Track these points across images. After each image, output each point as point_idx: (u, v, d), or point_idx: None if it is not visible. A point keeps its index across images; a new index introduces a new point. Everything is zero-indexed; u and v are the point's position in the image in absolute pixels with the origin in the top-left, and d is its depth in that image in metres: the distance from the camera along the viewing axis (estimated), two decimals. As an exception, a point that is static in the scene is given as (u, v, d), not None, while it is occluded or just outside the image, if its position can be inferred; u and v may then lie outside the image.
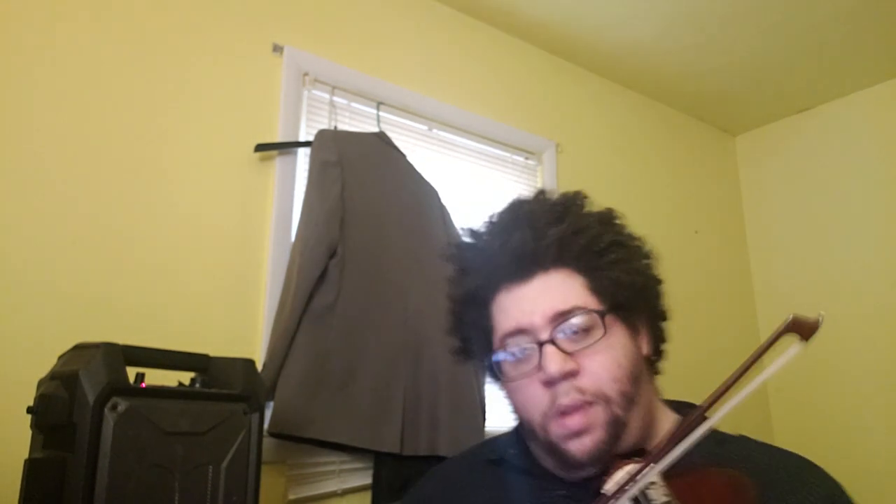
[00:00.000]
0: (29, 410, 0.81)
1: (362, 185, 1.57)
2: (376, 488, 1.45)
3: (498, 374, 0.74)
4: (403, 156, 1.71)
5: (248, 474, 0.89)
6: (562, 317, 0.69)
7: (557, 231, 0.71)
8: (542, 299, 0.70)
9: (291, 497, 1.40)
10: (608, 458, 0.65)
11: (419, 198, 1.69)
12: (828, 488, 0.66)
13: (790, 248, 2.71)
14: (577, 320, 0.68)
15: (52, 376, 0.81)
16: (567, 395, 0.67)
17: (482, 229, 0.78)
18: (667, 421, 0.75)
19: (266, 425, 1.21)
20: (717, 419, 0.58)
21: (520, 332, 0.71)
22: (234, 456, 0.87)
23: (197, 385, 0.94)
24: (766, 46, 2.29)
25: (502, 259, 0.73)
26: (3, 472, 0.98)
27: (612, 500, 0.58)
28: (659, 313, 0.78)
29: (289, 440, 1.37)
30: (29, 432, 0.83)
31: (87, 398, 0.76)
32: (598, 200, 0.83)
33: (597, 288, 0.71)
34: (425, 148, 1.88)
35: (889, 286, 2.38)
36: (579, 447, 0.67)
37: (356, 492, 1.49)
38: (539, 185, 2.16)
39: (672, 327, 0.80)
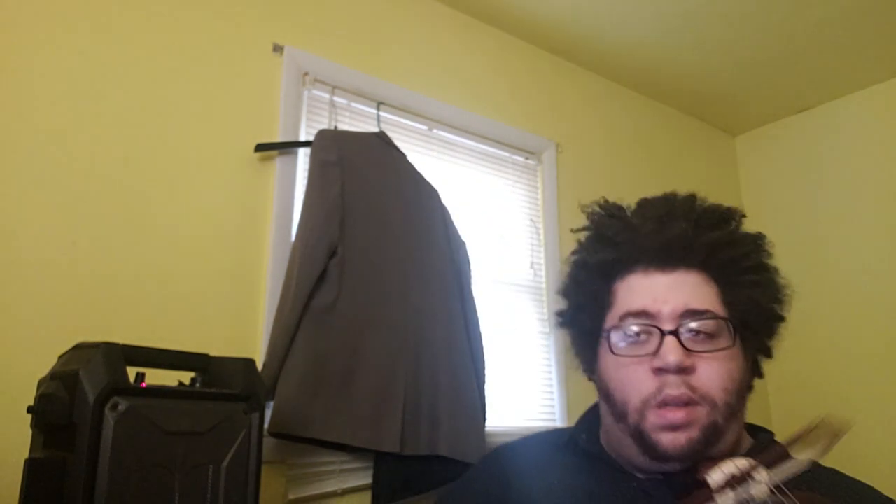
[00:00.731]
0: (29, 410, 0.81)
1: (362, 185, 1.57)
2: (376, 488, 1.45)
3: (593, 351, 0.76)
4: (404, 156, 1.71)
5: (248, 474, 0.89)
6: (693, 315, 0.70)
7: (714, 236, 0.74)
8: (677, 293, 0.71)
9: (291, 497, 1.40)
10: (696, 460, 0.66)
11: (419, 198, 1.69)
12: None
13: (790, 248, 2.71)
14: (706, 323, 0.69)
15: (52, 376, 0.81)
16: (677, 387, 0.67)
17: (634, 207, 0.80)
18: (746, 442, 0.76)
19: (266, 425, 1.20)
20: (818, 455, 0.60)
21: (644, 314, 0.71)
22: (234, 456, 0.87)
23: (197, 385, 0.94)
24: (766, 46, 2.29)
25: (651, 242, 0.74)
26: (3, 472, 0.98)
27: (719, 491, 0.58)
28: (767, 349, 0.79)
29: (289, 440, 1.37)
30: (29, 432, 0.83)
31: (88, 398, 0.76)
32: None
33: (730, 301, 0.72)
34: (425, 148, 1.88)
35: (890, 286, 2.38)
36: (673, 441, 0.67)
37: (356, 492, 1.48)
38: (539, 186, 2.16)
39: None
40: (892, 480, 2.24)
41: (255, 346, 1.45)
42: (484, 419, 1.63)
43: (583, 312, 0.80)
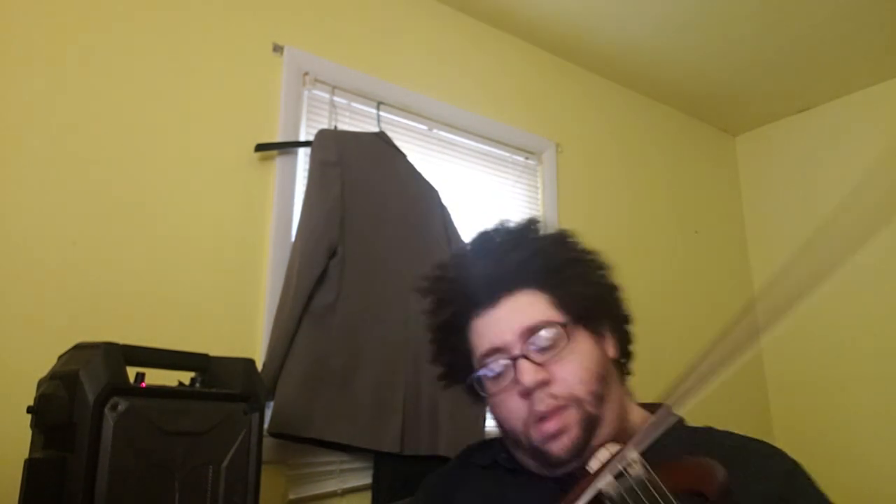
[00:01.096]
0: (29, 410, 0.81)
1: (362, 185, 1.57)
2: (376, 488, 1.45)
3: (480, 392, 0.81)
4: (404, 156, 1.71)
5: (248, 474, 0.89)
6: (530, 332, 0.76)
7: (515, 256, 0.80)
8: (510, 318, 0.78)
9: (291, 497, 1.40)
10: (587, 453, 0.71)
11: (419, 198, 1.69)
12: (788, 465, 0.73)
13: (790, 248, 2.70)
14: (544, 333, 0.76)
15: (52, 376, 0.81)
16: (542, 402, 0.74)
17: (450, 262, 0.88)
18: (639, 418, 0.82)
19: (266, 425, 1.21)
20: (685, 408, 0.63)
21: (495, 350, 0.78)
22: (234, 456, 0.87)
23: (197, 385, 0.94)
24: (766, 46, 2.29)
25: (470, 288, 0.81)
26: (3, 472, 0.98)
27: (596, 476, 0.63)
28: (621, 318, 0.85)
29: (289, 440, 1.37)
30: (29, 432, 0.83)
31: (87, 398, 0.76)
32: (598, 200, 0.86)
33: (560, 303, 0.78)
34: (425, 148, 1.88)
35: (889, 286, 2.38)
36: (559, 447, 0.73)
37: (356, 492, 1.49)
38: (539, 186, 2.16)
39: (672, 327, 0.82)
40: (893, 480, 2.25)
41: (255, 346, 1.45)
42: (484, 419, 1.64)
43: (456, 369, 0.87)
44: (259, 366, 1.33)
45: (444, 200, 1.75)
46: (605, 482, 0.62)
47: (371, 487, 1.46)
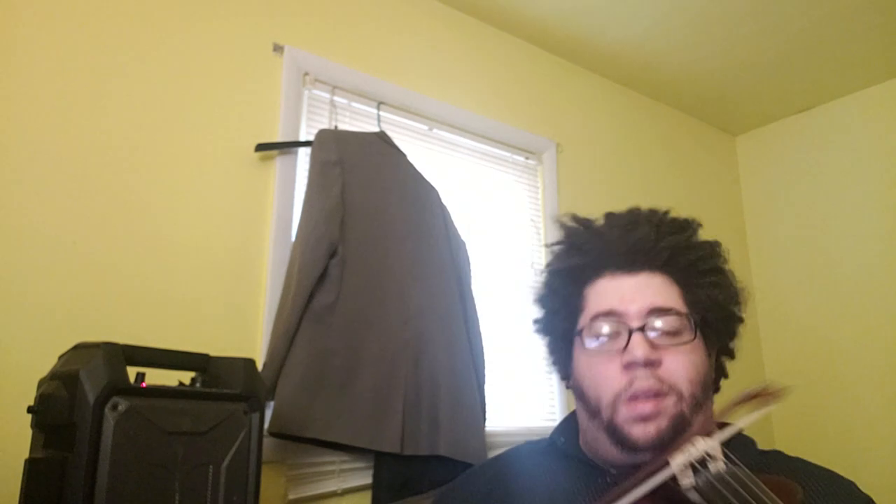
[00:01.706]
0: (29, 410, 0.81)
1: (363, 185, 1.57)
2: (376, 488, 1.45)
3: (568, 354, 0.81)
4: (404, 155, 1.71)
5: (248, 474, 0.89)
6: (658, 312, 0.75)
7: (675, 240, 0.79)
8: (643, 293, 0.76)
9: (291, 497, 1.40)
10: (665, 450, 0.68)
11: (419, 197, 1.69)
12: (863, 498, 0.72)
13: (790, 248, 2.71)
14: (670, 319, 0.75)
15: (53, 376, 0.81)
16: (645, 380, 0.72)
17: (600, 218, 0.86)
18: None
19: (266, 425, 1.21)
20: (749, 422, 0.64)
21: (613, 314, 0.76)
22: (234, 456, 0.87)
23: (197, 385, 0.94)
24: (766, 46, 2.29)
25: (617, 247, 0.79)
26: (3, 472, 0.98)
27: (674, 464, 0.61)
28: (728, 349, 0.85)
29: (289, 440, 1.37)
30: (29, 432, 0.83)
31: (88, 398, 0.76)
32: (599, 200, 0.86)
33: (692, 300, 0.77)
34: (425, 148, 1.88)
35: (890, 286, 2.38)
36: (643, 432, 0.71)
37: (356, 492, 1.48)
38: (539, 185, 2.16)
39: None
40: (894, 479, 2.25)
41: (255, 346, 1.45)
42: (484, 419, 1.63)
43: (557, 317, 0.85)
44: (259, 366, 1.33)
45: (444, 200, 1.75)
46: (684, 472, 0.60)
47: (371, 487, 1.46)
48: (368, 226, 1.55)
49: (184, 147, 1.46)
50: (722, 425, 0.81)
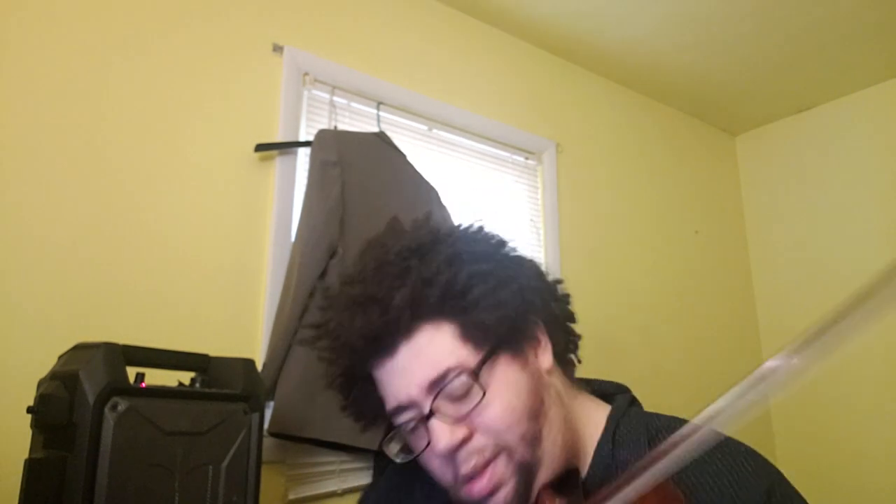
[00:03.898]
0: (29, 410, 0.81)
1: (362, 185, 1.57)
2: (376, 488, 1.45)
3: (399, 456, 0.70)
4: (403, 156, 1.71)
5: (248, 474, 0.89)
6: (436, 385, 0.63)
7: (403, 294, 0.64)
8: (412, 370, 0.65)
9: (291, 497, 1.40)
10: (532, 499, 0.63)
11: (419, 198, 1.69)
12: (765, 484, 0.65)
13: (790, 248, 2.71)
14: (453, 386, 0.63)
15: (52, 376, 0.81)
16: (467, 461, 0.63)
17: (328, 313, 0.71)
18: (596, 415, 0.72)
19: (266, 425, 1.21)
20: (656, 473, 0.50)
21: (401, 409, 0.66)
22: (234, 456, 0.87)
23: (197, 385, 0.94)
24: (766, 46, 2.29)
25: (358, 343, 0.66)
26: (3, 472, 0.98)
27: None
28: (553, 318, 0.73)
29: (289, 440, 1.37)
30: (29, 432, 0.83)
31: (88, 398, 0.76)
32: (599, 200, 0.84)
33: (469, 333, 0.65)
34: (425, 148, 1.88)
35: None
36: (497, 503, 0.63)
37: (356, 492, 1.49)
38: (539, 185, 2.16)
39: (672, 327, 0.80)
40: (894, 478, 2.25)
41: (255, 346, 1.45)
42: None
43: (371, 421, 0.75)
44: (259, 366, 1.33)
45: (444, 200, 1.75)
46: None
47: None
48: (368, 226, 1.55)
49: (184, 147, 1.46)
50: (604, 396, 0.73)
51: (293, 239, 1.51)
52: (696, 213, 2.69)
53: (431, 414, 0.63)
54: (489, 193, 2.01)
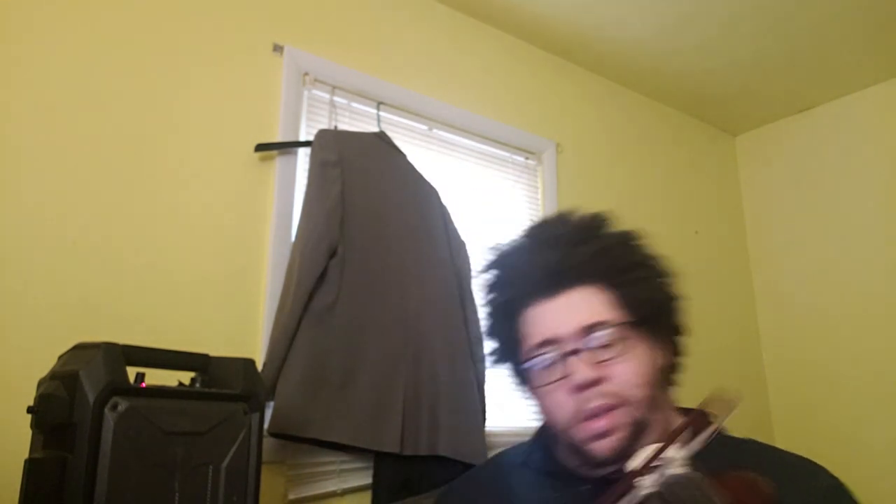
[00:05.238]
0: (29, 410, 0.81)
1: (362, 185, 1.57)
2: (376, 488, 1.45)
3: (526, 381, 0.81)
4: (403, 156, 1.71)
5: (248, 474, 0.89)
6: (587, 330, 0.74)
7: (582, 251, 0.77)
8: (568, 313, 0.76)
9: (291, 497, 1.40)
10: (629, 456, 0.69)
11: (419, 198, 1.69)
12: (832, 482, 0.72)
13: (790, 248, 2.71)
14: (601, 333, 0.74)
15: (52, 376, 0.81)
16: (592, 400, 0.72)
17: (509, 247, 0.85)
18: (676, 420, 0.80)
19: (266, 425, 1.21)
20: (725, 418, 0.62)
21: (547, 343, 0.76)
22: (234, 456, 0.87)
23: (197, 385, 0.93)
24: (766, 46, 2.29)
25: (530, 277, 0.79)
26: (3, 472, 0.98)
27: (637, 475, 0.61)
28: (676, 328, 0.83)
29: (289, 440, 1.37)
30: (29, 432, 0.83)
31: (88, 398, 0.76)
32: (599, 200, 0.85)
33: (621, 303, 0.76)
34: (425, 148, 1.88)
35: (890, 286, 2.38)
36: (603, 446, 0.72)
37: (356, 492, 1.48)
38: (539, 186, 2.16)
39: None
40: (893, 477, 2.25)
41: (255, 346, 1.45)
42: (484, 419, 1.63)
43: (505, 350, 0.85)
44: (259, 366, 1.33)
45: (444, 200, 1.75)
46: (647, 481, 0.60)
47: (371, 487, 1.46)
48: (368, 226, 1.55)
49: (184, 147, 1.46)
50: (687, 411, 0.81)
51: (293, 239, 1.51)
52: (696, 213, 2.69)
53: (576, 352, 0.74)
54: (489, 193, 2.01)
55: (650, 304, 0.77)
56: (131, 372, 0.83)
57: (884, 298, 2.38)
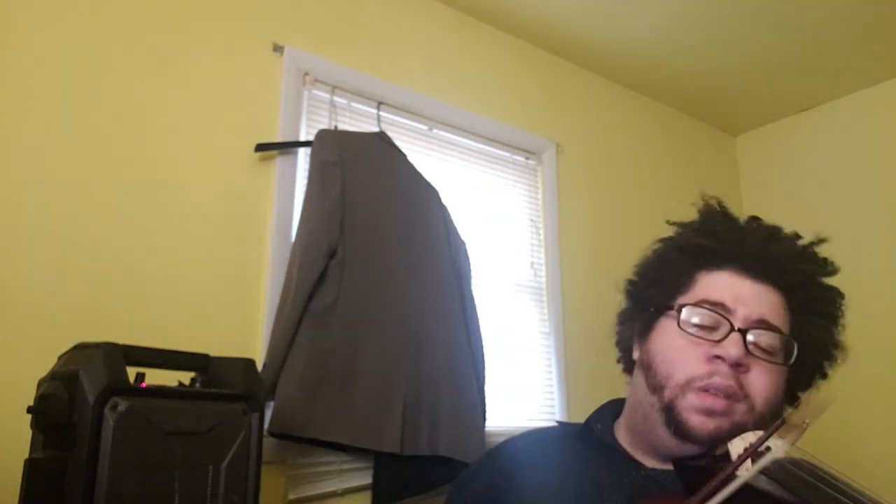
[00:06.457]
0: (29, 410, 0.81)
1: (363, 185, 1.57)
2: (376, 488, 1.45)
3: (649, 325, 0.79)
4: (404, 156, 1.71)
5: (248, 474, 0.88)
6: (765, 325, 0.74)
7: (807, 270, 0.81)
8: (758, 302, 0.76)
9: (291, 497, 1.40)
10: (714, 449, 0.69)
11: (419, 197, 1.69)
12: None
13: (790, 248, 2.70)
14: (773, 337, 0.74)
15: (52, 376, 0.81)
16: (726, 378, 0.71)
17: (730, 214, 0.88)
18: None
19: (266, 425, 1.21)
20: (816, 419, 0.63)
21: (722, 307, 0.75)
22: (234, 456, 0.87)
23: (197, 385, 0.93)
24: (766, 46, 2.29)
25: (754, 249, 0.79)
26: (3, 472, 0.98)
27: (742, 461, 0.59)
28: (805, 383, 0.83)
29: (289, 440, 1.37)
30: (29, 432, 0.83)
31: (87, 398, 0.76)
32: (599, 200, 0.85)
33: (797, 332, 0.77)
34: (425, 148, 1.88)
35: (890, 286, 2.37)
36: (701, 424, 0.70)
37: (356, 492, 1.48)
38: (539, 186, 2.16)
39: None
40: (894, 477, 2.25)
41: (255, 346, 1.45)
42: (484, 419, 1.63)
43: (656, 288, 0.83)
44: (259, 366, 1.33)
45: (444, 200, 1.75)
46: (745, 470, 0.58)
47: (371, 487, 1.46)
48: (368, 226, 1.55)
49: (184, 147, 1.46)
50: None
51: (293, 239, 1.51)
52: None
53: (743, 332, 0.72)
54: (489, 193, 2.01)
55: (813, 353, 0.78)
56: (131, 372, 0.83)
57: (884, 298, 2.38)
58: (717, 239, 0.82)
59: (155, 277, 1.36)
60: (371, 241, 1.54)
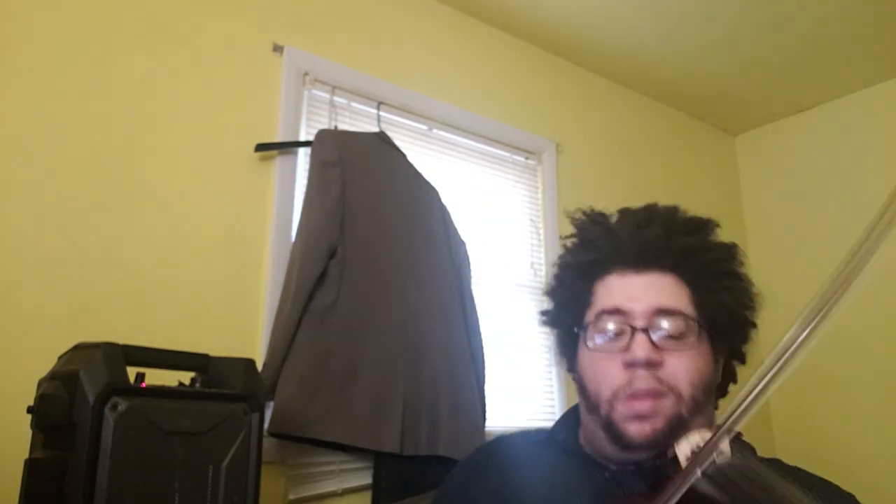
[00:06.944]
0: (29, 410, 0.81)
1: (362, 185, 1.57)
2: (376, 488, 1.45)
3: (572, 346, 0.80)
4: (404, 155, 1.71)
5: (248, 474, 0.89)
6: (664, 314, 0.74)
7: (687, 241, 0.78)
8: (650, 293, 0.75)
9: (291, 497, 1.40)
10: (660, 449, 0.69)
11: (419, 197, 1.69)
12: None
13: (790, 248, 2.71)
14: (675, 321, 0.73)
15: (52, 376, 0.81)
16: (644, 380, 0.71)
17: (602, 214, 0.85)
18: None
19: (266, 425, 1.21)
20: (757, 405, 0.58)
21: (618, 312, 0.75)
22: (234, 456, 0.87)
23: (197, 385, 0.94)
24: (766, 46, 2.29)
25: (628, 245, 0.79)
26: (3, 472, 0.98)
27: (693, 464, 0.58)
28: (740, 354, 0.82)
29: (289, 440, 1.37)
30: (29, 432, 0.83)
31: (88, 398, 0.76)
32: (598, 200, 0.85)
33: (701, 303, 0.76)
34: (425, 148, 1.88)
35: (889, 285, 2.37)
36: (639, 430, 0.71)
37: (356, 492, 1.49)
38: (539, 185, 2.16)
39: None
40: (893, 476, 2.25)
41: (255, 346, 1.45)
42: (484, 419, 1.63)
43: (565, 311, 0.84)
44: (259, 366, 1.33)
45: (444, 200, 1.75)
46: (699, 469, 0.57)
47: (371, 487, 1.46)
48: (368, 226, 1.55)
49: (184, 147, 1.46)
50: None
51: (293, 239, 1.51)
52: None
53: (644, 329, 0.73)
54: (489, 193, 2.01)
55: (728, 316, 0.76)
56: (131, 372, 0.83)
57: (883, 297, 2.38)
58: (594, 247, 0.82)
59: (155, 277, 1.36)
60: (371, 241, 1.54)
